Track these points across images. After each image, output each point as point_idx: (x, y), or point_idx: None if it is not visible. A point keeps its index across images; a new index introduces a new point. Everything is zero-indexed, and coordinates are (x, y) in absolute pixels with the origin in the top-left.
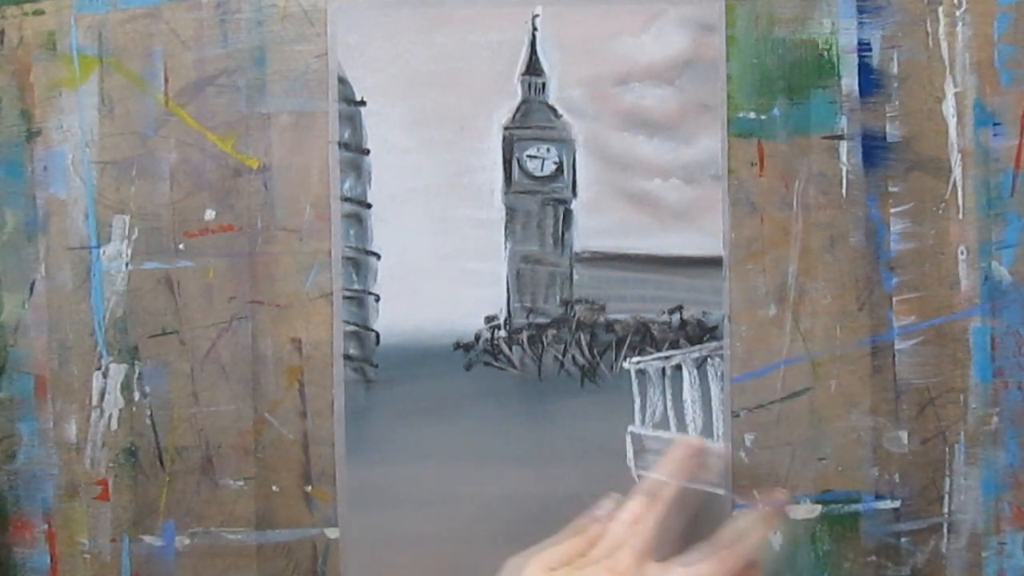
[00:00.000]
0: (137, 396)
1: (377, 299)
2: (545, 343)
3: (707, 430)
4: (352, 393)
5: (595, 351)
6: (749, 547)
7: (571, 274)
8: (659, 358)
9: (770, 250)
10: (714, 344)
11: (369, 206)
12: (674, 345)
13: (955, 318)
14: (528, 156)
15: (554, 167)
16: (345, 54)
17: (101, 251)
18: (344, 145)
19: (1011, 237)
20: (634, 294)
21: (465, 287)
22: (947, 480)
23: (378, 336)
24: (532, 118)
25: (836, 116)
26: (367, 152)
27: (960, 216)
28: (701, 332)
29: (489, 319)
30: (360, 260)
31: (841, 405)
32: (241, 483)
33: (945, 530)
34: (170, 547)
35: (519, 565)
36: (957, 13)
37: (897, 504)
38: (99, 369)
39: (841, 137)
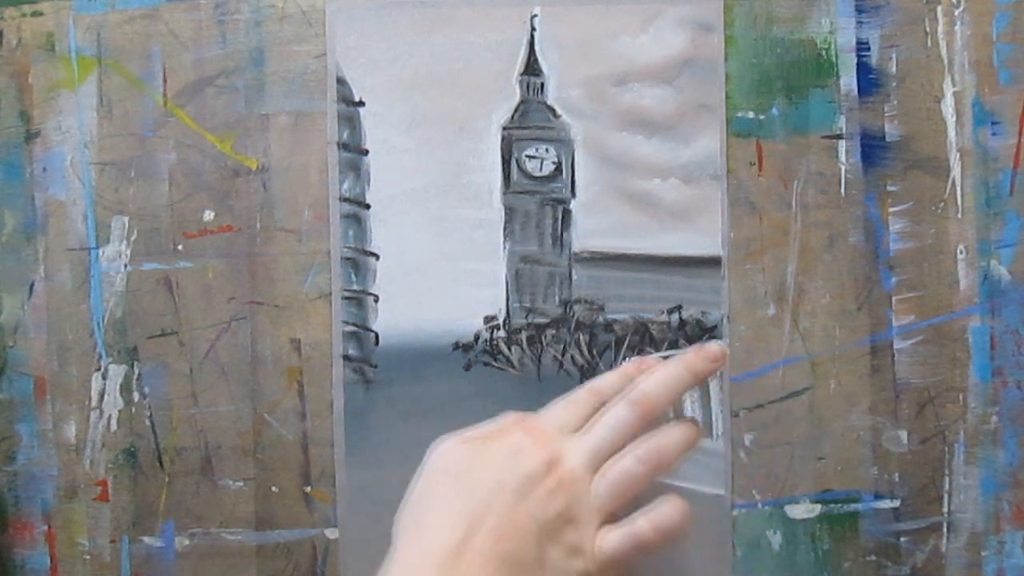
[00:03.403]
0: (136, 397)
1: (376, 299)
2: (544, 343)
3: (706, 430)
4: (351, 394)
5: (594, 351)
6: (661, 392)
7: (570, 274)
8: (658, 358)
9: (769, 250)
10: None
11: (368, 206)
12: (673, 345)
13: (954, 317)
14: (527, 156)
15: (553, 167)
16: (344, 55)
17: (100, 252)
18: (343, 146)
19: (1010, 236)
20: (633, 294)
21: (464, 287)
22: (946, 479)
23: (377, 336)
24: (531, 118)
25: (835, 116)
26: (366, 152)
27: (959, 215)
28: (700, 332)
29: (488, 319)
30: (359, 260)
31: (840, 405)
32: (241, 484)
33: (945, 529)
34: (170, 548)
35: (443, 445)
36: (956, 12)
37: (897, 503)
38: (98, 370)
39: (840, 137)
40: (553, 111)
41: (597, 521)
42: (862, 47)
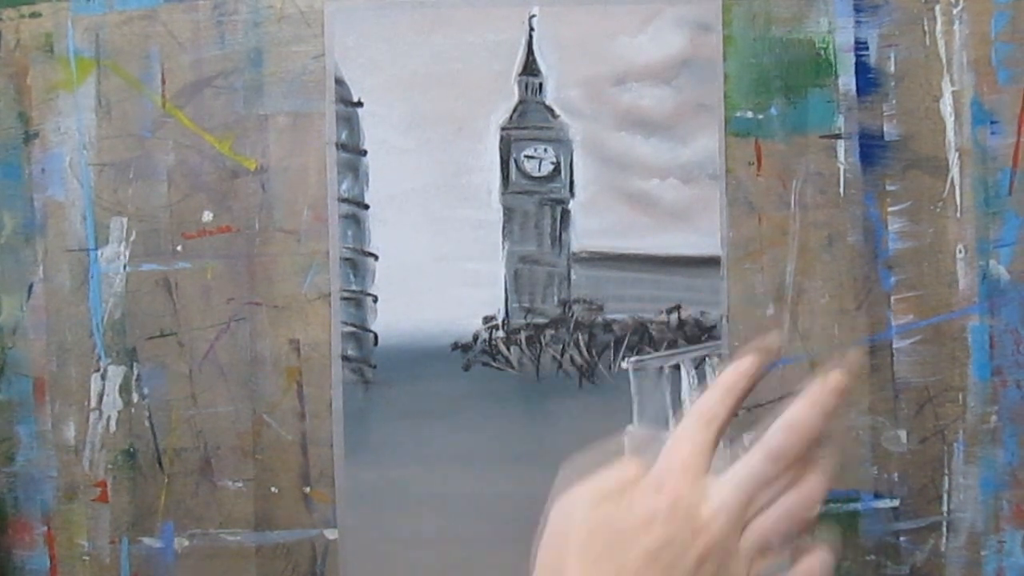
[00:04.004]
0: (136, 398)
1: (375, 300)
2: (543, 343)
3: None
4: (351, 394)
5: (593, 351)
6: (794, 439)
7: (569, 274)
8: (657, 358)
9: (768, 249)
10: (712, 343)
11: (367, 207)
12: (672, 345)
13: (953, 316)
14: (525, 156)
15: (551, 167)
16: (342, 55)
17: (99, 253)
18: (341, 146)
19: (1009, 235)
20: (632, 294)
21: (463, 287)
22: (946, 479)
23: (376, 337)
24: (529, 118)
25: (833, 115)
26: (364, 153)
27: (958, 215)
28: (699, 331)
29: (487, 319)
30: (358, 261)
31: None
32: (240, 484)
33: (944, 529)
34: (169, 548)
35: (569, 504)
36: (954, 12)
37: (896, 503)
38: (98, 371)
39: (839, 136)
40: (552, 111)
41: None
42: (860, 47)
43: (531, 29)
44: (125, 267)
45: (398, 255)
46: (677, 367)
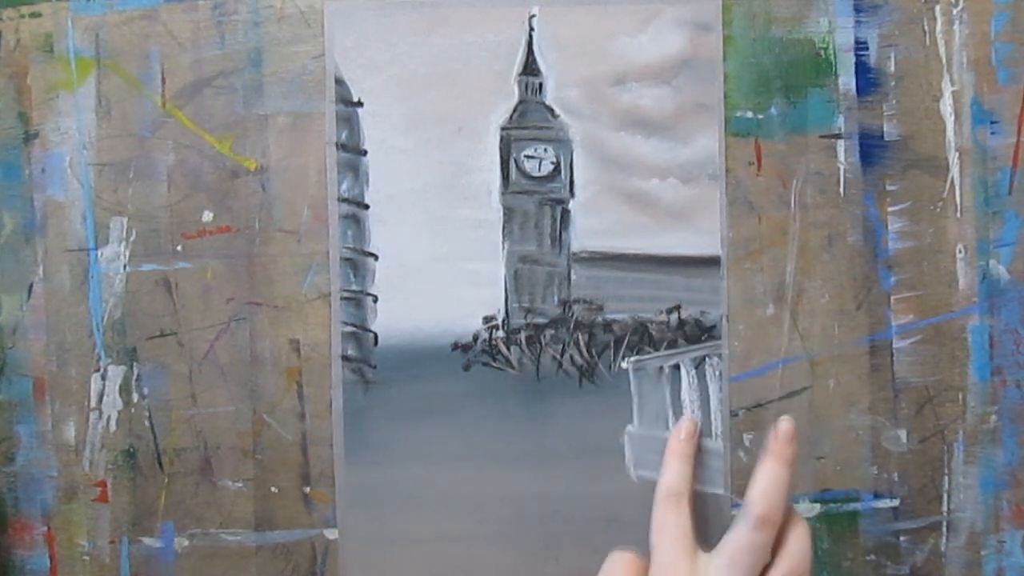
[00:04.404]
0: (136, 398)
1: (375, 300)
2: (543, 343)
3: (706, 429)
4: (350, 394)
5: (593, 351)
6: (775, 501)
7: (569, 274)
8: (657, 358)
9: (768, 249)
10: (712, 344)
11: (367, 207)
12: (672, 345)
13: (953, 316)
14: (525, 156)
15: (551, 167)
16: (342, 55)
17: (99, 253)
18: (341, 146)
19: (1009, 235)
20: (632, 294)
21: (463, 287)
22: (946, 479)
23: (376, 337)
24: (529, 118)
25: (833, 115)
26: (364, 153)
27: (958, 214)
28: (699, 332)
29: (487, 319)
30: (358, 261)
31: (840, 404)
32: (240, 484)
33: (944, 529)
34: (169, 549)
35: None
36: (954, 11)
37: (896, 503)
38: (97, 371)
39: (839, 136)
40: (552, 111)
41: None
42: (860, 46)
43: (531, 29)
44: (125, 267)
45: (398, 255)
46: (677, 367)
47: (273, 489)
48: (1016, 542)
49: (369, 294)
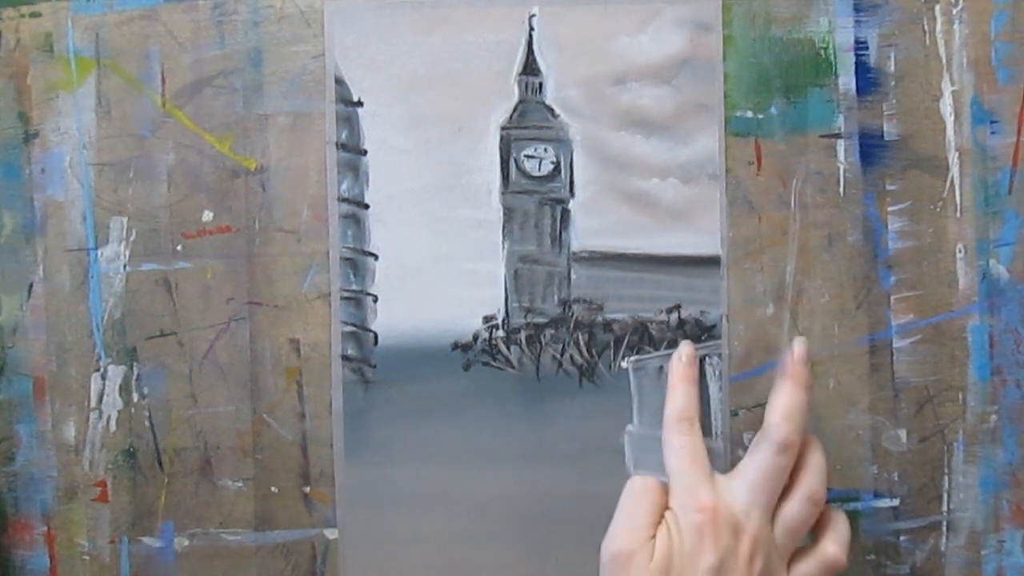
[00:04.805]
0: (136, 398)
1: (375, 300)
2: (543, 343)
3: (706, 429)
4: (350, 394)
5: (593, 351)
6: (796, 424)
7: (569, 274)
8: (657, 357)
9: (768, 249)
10: (712, 343)
11: (367, 207)
12: (672, 344)
13: (953, 316)
14: (525, 156)
15: (551, 167)
16: (342, 55)
17: (99, 253)
18: (341, 146)
19: (1008, 235)
20: (632, 293)
21: (463, 287)
22: (946, 478)
23: (376, 337)
24: (529, 118)
25: (833, 115)
26: (364, 153)
27: (958, 214)
28: (699, 331)
29: (487, 319)
30: (358, 261)
31: (839, 404)
32: (240, 484)
33: (944, 528)
34: (169, 548)
35: (625, 557)
36: (954, 11)
37: (896, 502)
38: (97, 371)
39: (838, 136)
40: (551, 111)
41: (785, 562)
42: (860, 46)
43: (531, 29)
44: (125, 267)
45: (398, 255)
46: None
47: (273, 489)
48: (1016, 542)
49: (369, 294)
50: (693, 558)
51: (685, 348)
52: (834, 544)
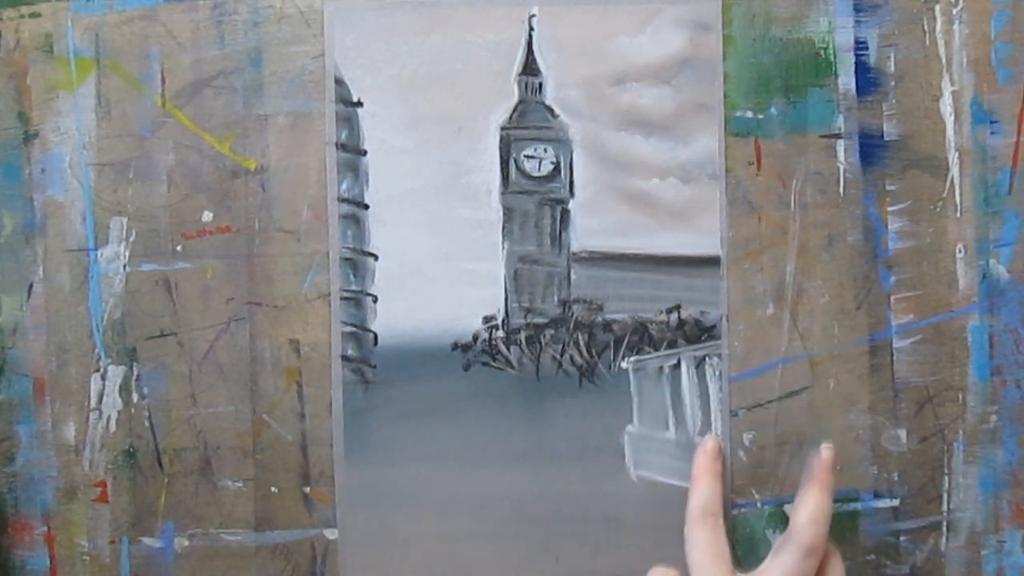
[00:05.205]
0: (135, 398)
1: (375, 300)
2: (543, 343)
3: (705, 429)
4: (350, 394)
5: (593, 351)
6: (822, 530)
7: (569, 274)
8: (657, 357)
9: (768, 249)
10: (712, 343)
11: (367, 207)
12: (672, 344)
13: (953, 316)
14: (525, 156)
15: (551, 167)
16: (342, 55)
17: (99, 253)
18: (341, 146)
19: (1008, 235)
20: (632, 294)
21: (463, 287)
22: (946, 478)
23: (376, 337)
24: (529, 118)
25: (833, 115)
26: (364, 153)
27: (958, 214)
28: (699, 331)
29: (487, 319)
30: (358, 261)
31: (839, 404)
32: (240, 484)
33: (944, 528)
34: (169, 549)
35: None
36: (954, 11)
37: (896, 503)
38: (97, 371)
39: (838, 136)
40: (551, 111)
41: None
42: (860, 46)
43: (531, 29)
44: (125, 267)
45: (398, 255)
46: (677, 367)
47: (273, 489)
48: (1016, 542)
49: (369, 294)
50: None
51: (710, 442)
52: None
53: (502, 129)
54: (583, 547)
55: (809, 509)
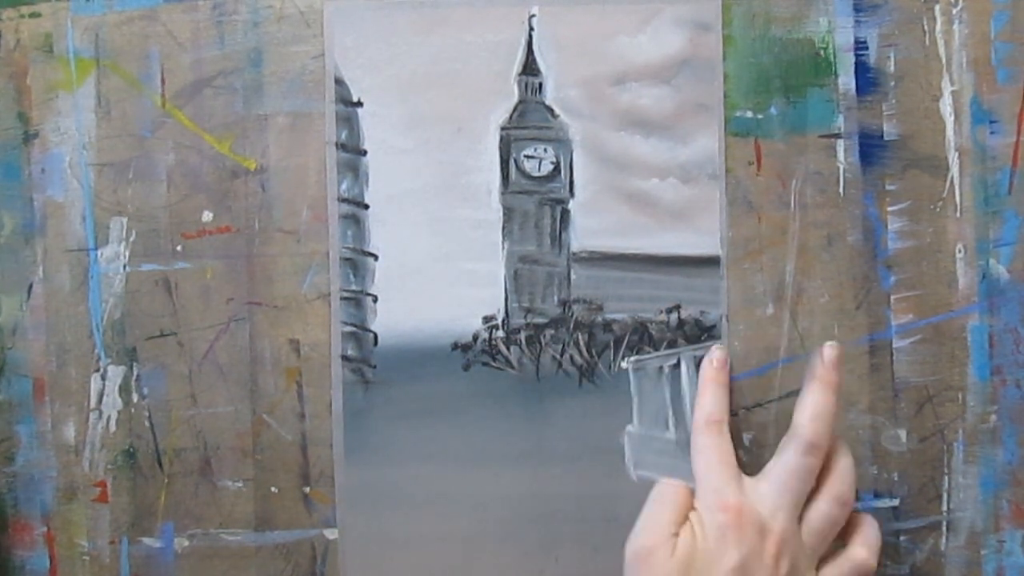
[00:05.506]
0: (135, 398)
1: (375, 300)
2: (543, 343)
3: None
4: (350, 394)
5: (593, 351)
6: (824, 427)
7: (569, 274)
8: (657, 357)
9: (767, 249)
10: (712, 343)
11: (366, 207)
12: (672, 344)
13: (953, 316)
14: (525, 156)
15: (551, 167)
16: (342, 55)
17: (99, 253)
18: (341, 146)
19: (1008, 235)
20: (632, 294)
21: (463, 287)
22: (946, 478)
23: (376, 337)
24: (529, 118)
25: (833, 115)
26: (364, 153)
27: (957, 214)
28: (699, 331)
29: (487, 319)
30: (358, 261)
31: (839, 404)
32: (240, 484)
33: (944, 528)
34: (169, 549)
35: (646, 554)
36: (954, 11)
37: (896, 502)
38: (97, 371)
39: (838, 136)
40: (551, 111)
41: (814, 565)
42: (860, 46)
43: (531, 29)
44: (125, 267)
45: (398, 255)
46: (677, 367)
47: (273, 489)
48: (1016, 542)
49: (369, 294)
50: (716, 557)
51: (717, 352)
52: (863, 548)
53: (502, 129)
54: (583, 547)
55: (809, 405)
